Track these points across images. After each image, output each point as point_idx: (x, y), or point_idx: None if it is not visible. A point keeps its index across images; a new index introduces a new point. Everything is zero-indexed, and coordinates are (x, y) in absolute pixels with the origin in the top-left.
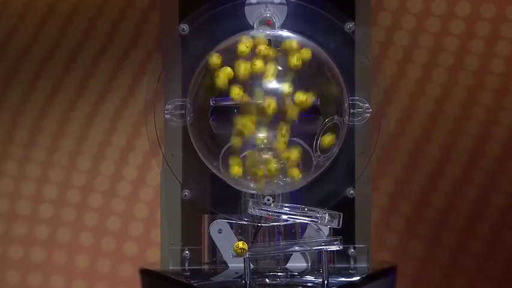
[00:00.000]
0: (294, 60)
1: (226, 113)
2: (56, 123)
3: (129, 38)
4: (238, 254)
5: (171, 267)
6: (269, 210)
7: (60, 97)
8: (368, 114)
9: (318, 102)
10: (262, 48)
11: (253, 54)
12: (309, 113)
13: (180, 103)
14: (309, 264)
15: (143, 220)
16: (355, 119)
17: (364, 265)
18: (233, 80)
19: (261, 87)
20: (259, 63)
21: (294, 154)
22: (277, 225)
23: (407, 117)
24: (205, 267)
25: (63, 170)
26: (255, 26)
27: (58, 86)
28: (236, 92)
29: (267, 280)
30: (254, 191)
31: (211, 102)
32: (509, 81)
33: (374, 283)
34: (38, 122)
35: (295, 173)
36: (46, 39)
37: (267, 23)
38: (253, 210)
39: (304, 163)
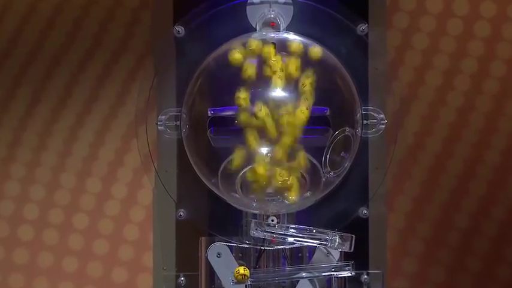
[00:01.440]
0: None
1: (226, 125)
2: (36, 135)
3: (118, 40)
4: (239, 280)
5: None
6: (273, 232)
7: (41, 107)
8: (383, 126)
9: (327, 113)
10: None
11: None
12: (317, 125)
13: (174, 113)
14: None
15: (133, 243)
16: (369, 131)
17: None
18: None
19: (266, 98)
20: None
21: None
22: (282, 248)
23: (427, 129)
24: None
25: (45, 188)
26: (257, 28)
27: (38, 95)
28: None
29: None
30: (257, 211)
31: (209, 112)
32: None
33: None
34: (17, 135)
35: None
36: (26, 42)
37: (271, 25)
38: (256, 232)
39: (313, 180)
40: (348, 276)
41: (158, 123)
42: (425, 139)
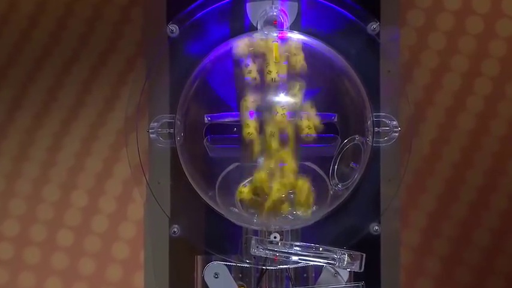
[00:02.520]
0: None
1: (224, 133)
2: (17, 144)
3: (106, 41)
4: None
5: None
6: (276, 250)
7: (22, 113)
8: (396, 134)
9: (335, 120)
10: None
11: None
12: (325, 133)
13: (167, 120)
14: None
15: (123, 262)
16: (381, 139)
17: None
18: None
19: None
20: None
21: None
22: (285, 268)
23: (444, 137)
24: None
25: (26, 201)
26: (258, 27)
27: (19, 99)
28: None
29: None
30: (258, 227)
31: (206, 119)
32: None
33: None
34: None
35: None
36: (6, 43)
37: (274, 23)
38: (257, 250)
39: (319, 193)
40: None
41: (150, 130)
42: (442, 148)
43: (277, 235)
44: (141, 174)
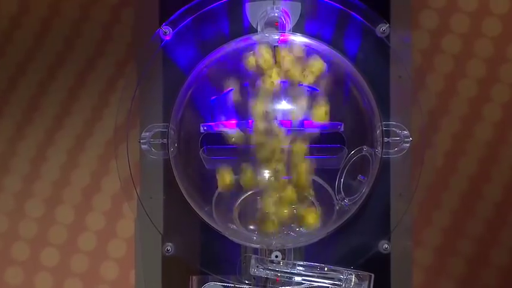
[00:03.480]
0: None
1: (222, 143)
2: None
3: (94, 44)
4: None
5: None
6: (278, 270)
7: (3, 122)
8: (407, 144)
9: (342, 129)
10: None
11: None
12: (330, 143)
13: (160, 129)
14: None
15: (112, 283)
16: (391, 151)
17: None
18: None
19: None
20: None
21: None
22: None
23: (459, 149)
24: None
25: (7, 217)
26: (259, 29)
27: (0, 108)
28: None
29: None
30: (258, 245)
31: (201, 128)
32: None
33: None
34: None
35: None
36: None
37: (275, 25)
38: (257, 270)
39: (324, 208)
40: None
41: (141, 141)
42: (457, 160)
43: (279, 254)
44: (131, 188)
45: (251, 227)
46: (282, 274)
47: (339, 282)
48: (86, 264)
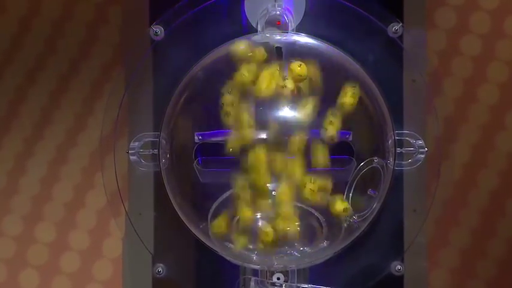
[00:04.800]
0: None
1: (218, 154)
2: None
3: (78, 45)
4: None
5: None
6: None
7: None
8: (422, 156)
9: (350, 138)
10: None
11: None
12: (338, 154)
13: (151, 139)
14: None
15: None
16: (404, 162)
17: None
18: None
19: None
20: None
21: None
22: None
23: (480, 160)
24: None
25: None
26: (259, 28)
27: None
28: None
29: None
30: (258, 266)
31: (196, 137)
32: None
33: None
34: None
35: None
36: None
37: (277, 24)
38: None
39: (331, 225)
40: None
41: (130, 151)
42: (477, 173)
43: (281, 275)
44: (119, 204)
45: (250, 246)
46: None
47: None
48: (69, 287)
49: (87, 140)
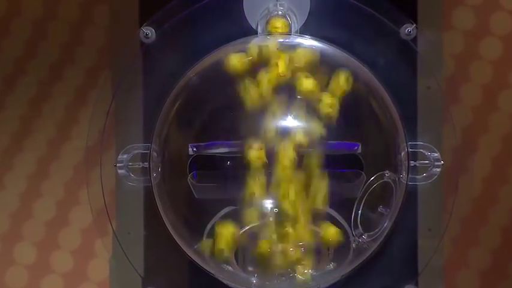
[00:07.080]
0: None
1: (215, 167)
2: None
3: (60, 47)
4: None
5: None
6: None
7: None
8: (438, 169)
9: (359, 150)
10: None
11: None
12: (345, 167)
13: (141, 151)
14: None
15: None
16: (418, 177)
17: None
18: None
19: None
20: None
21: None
22: None
23: (501, 174)
24: None
25: None
26: (259, 30)
27: None
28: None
29: None
30: None
31: (190, 149)
32: None
33: None
34: None
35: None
36: None
37: (278, 26)
38: None
39: (339, 246)
40: None
41: (118, 165)
42: (498, 188)
43: None
44: (106, 222)
45: (250, 268)
46: None
47: None
48: None
49: (70, 152)
